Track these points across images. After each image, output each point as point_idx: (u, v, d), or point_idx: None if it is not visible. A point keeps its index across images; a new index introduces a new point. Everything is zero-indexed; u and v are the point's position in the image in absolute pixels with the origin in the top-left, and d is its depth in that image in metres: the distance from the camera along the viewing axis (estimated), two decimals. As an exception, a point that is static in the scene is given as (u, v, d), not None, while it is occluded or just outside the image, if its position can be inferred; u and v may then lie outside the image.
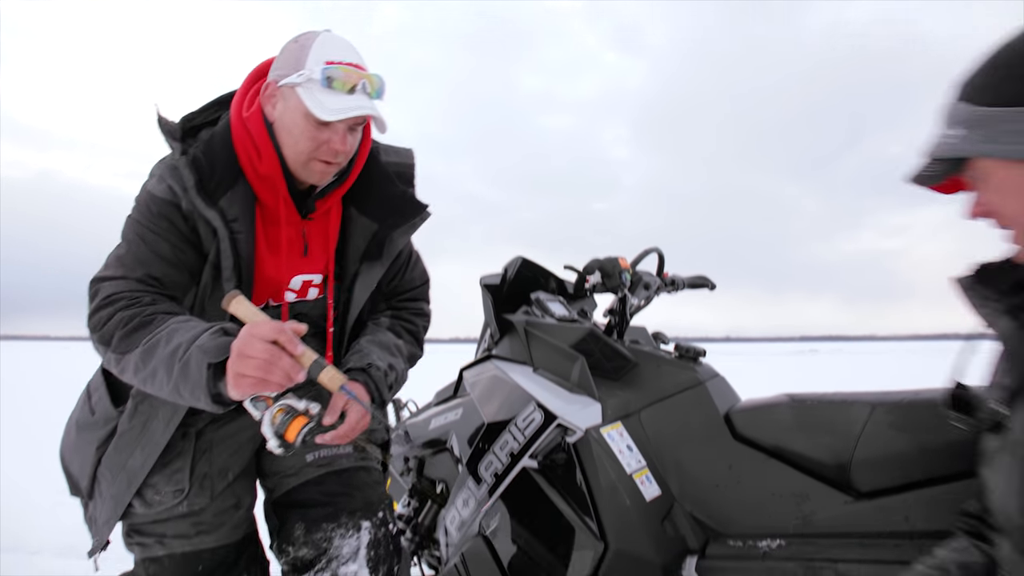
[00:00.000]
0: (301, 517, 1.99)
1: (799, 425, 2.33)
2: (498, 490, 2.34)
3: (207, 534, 1.93)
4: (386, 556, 2.04)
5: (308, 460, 2.02)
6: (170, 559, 1.92)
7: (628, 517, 2.20)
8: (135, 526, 1.94)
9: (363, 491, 2.04)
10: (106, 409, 1.91)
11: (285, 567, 2.03)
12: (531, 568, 2.27)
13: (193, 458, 1.92)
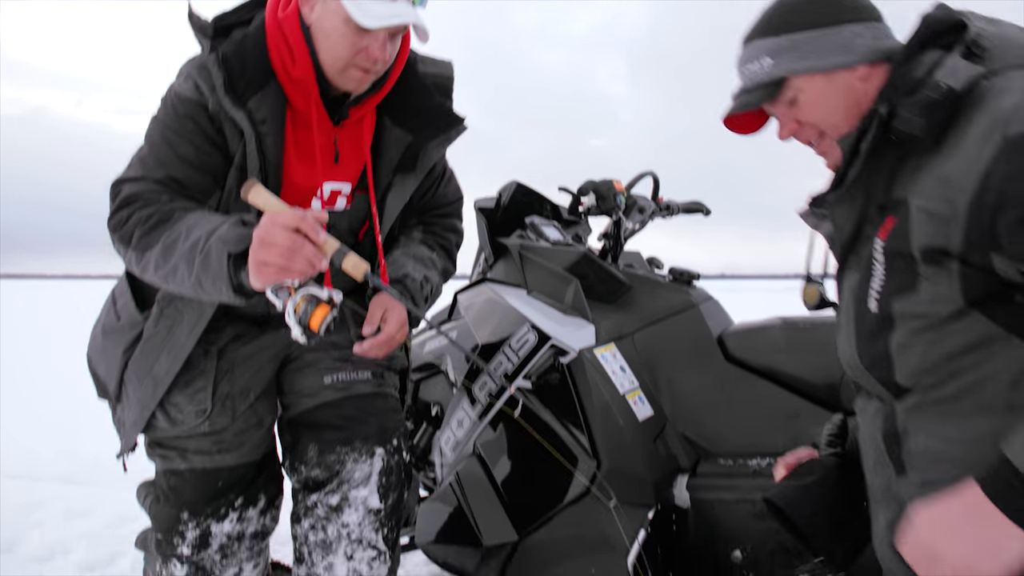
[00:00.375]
0: (315, 438, 2.00)
1: (790, 347, 2.35)
2: (492, 410, 2.37)
3: (228, 452, 1.95)
4: (397, 483, 2.05)
5: (326, 383, 2.01)
6: (191, 473, 1.95)
7: (621, 437, 2.23)
8: (158, 439, 1.96)
9: (379, 417, 2.04)
10: (131, 314, 1.91)
11: (296, 485, 2.05)
12: (524, 486, 2.30)
13: (215, 378, 1.92)
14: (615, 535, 2.15)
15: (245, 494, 2.00)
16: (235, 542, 2.00)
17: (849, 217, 1.32)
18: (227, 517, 1.97)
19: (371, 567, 2.00)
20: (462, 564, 2.35)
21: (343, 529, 1.97)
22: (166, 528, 1.98)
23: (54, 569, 3.28)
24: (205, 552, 1.97)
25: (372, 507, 1.99)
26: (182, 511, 1.95)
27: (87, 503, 4.13)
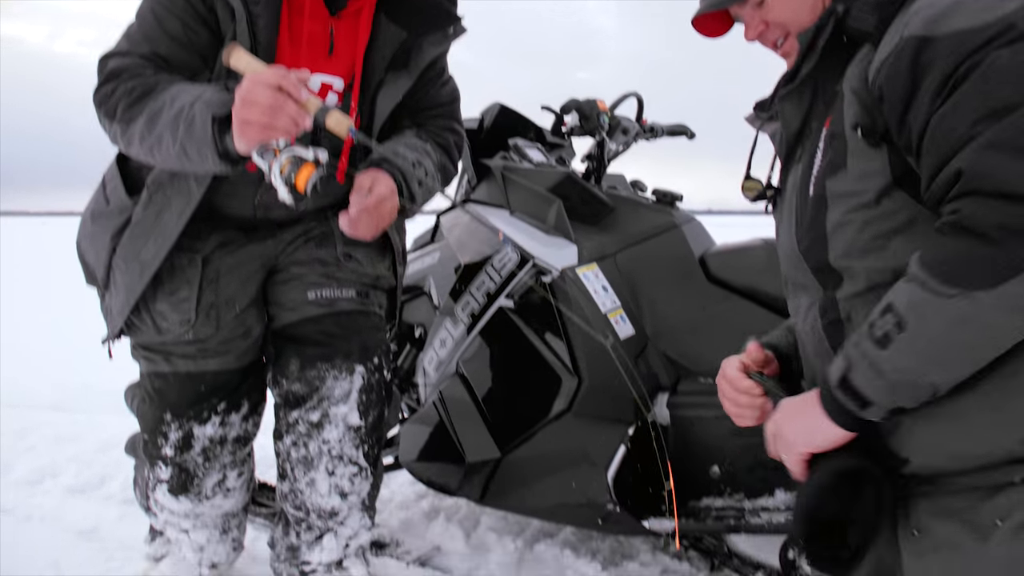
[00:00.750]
0: (297, 353, 2.01)
1: (772, 267, 2.34)
2: (475, 329, 2.38)
3: (211, 358, 1.97)
4: (377, 401, 2.07)
5: (309, 298, 2.02)
6: (174, 376, 1.97)
7: (602, 355, 2.24)
8: (143, 343, 1.98)
9: (360, 335, 2.04)
10: (120, 199, 1.90)
11: (278, 399, 2.07)
12: (507, 404, 2.33)
13: (200, 287, 1.92)
14: (595, 451, 2.18)
15: (228, 399, 2.02)
16: (217, 445, 2.03)
17: (797, 112, 1.34)
18: (209, 420, 2.00)
19: (352, 483, 2.04)
20: (446, 481, 2.39)
21: (324, 445, 2.00)
22: (151, 429, 2.01)
23: (44, 491, 3.31)
24: (188, 454, 2.01)
25: (352, 424, 2.01)
26: (165, 412, 1.98)
27: (76, 429, 4.15)
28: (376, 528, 2.74)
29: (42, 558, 2.58)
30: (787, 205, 1.37)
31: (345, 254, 2.01)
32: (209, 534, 2.19)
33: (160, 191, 1.85)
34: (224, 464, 2.08)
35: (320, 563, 2.10)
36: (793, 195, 1.34)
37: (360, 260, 2.06)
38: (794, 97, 1.33)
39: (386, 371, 2.09)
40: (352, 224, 1.78)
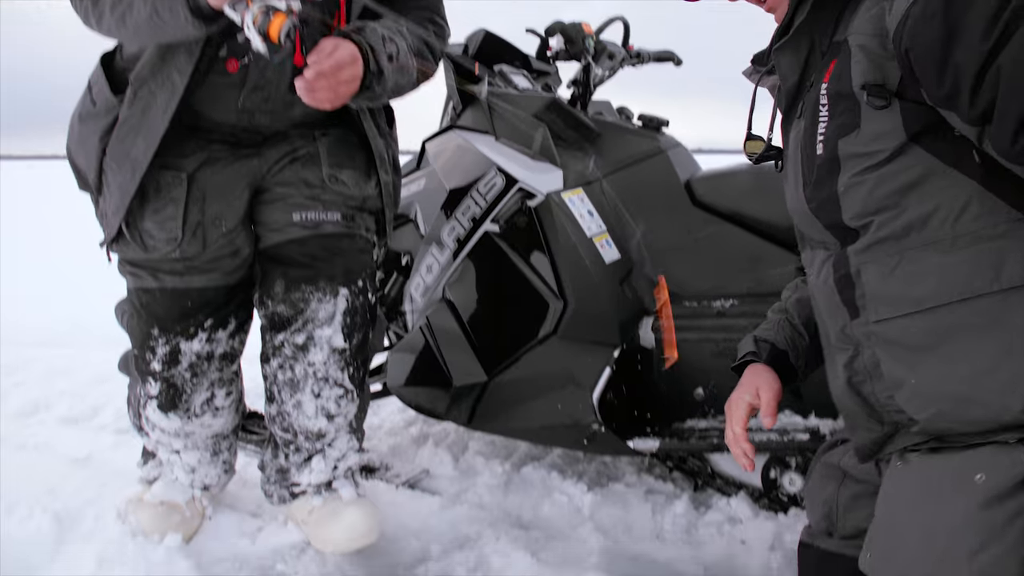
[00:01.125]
0: (282, 274, 2.02)
1: (757, 190, 2.37)
2: (460, 254, 2.39)
3: (198, 275, 1.97)
4: (362, 324, 2.08)
5: (294, 220, 2.01)
6: (161, 292, 1.98)
7: (588, 278, 2.27)
8: (129, 259, 1.99)
9: (345, 258, 2.05)
10: (106, 99, 1.89)
11: (264, 321, 2.08)
12: (493, 328, 2.35)
13: (186, 206, 1.92)
14: (581, 373, 2.21)
15: (215, 316, 2.03)
16: (204, 361, 2.05)
17: (794, 65, 1.31)
18: (196, 336, 2.02)
19: (338, 405, 2.07)
20: (433, 406, 2.42)
21: (309, 368, 2.02)
22: (139, 343, 2.04)
23: (38, 422, 3.34)
24: (175, 369, 2.03)
25: (337, 346, 2.03)
26: (152, 327, 2.00)
27: (68, 364, 4.17)
28: (366, 454, 2.78)
29: (37, 484, 2.61)
30: (791, 162, 1.35)
31: (331, 176, 2.01)
32: (200, 455, 2.23)
33: (144, 86, 1.83)
34: (212, 381, 2.10)
35: (309, 484, 2.14)
36: (797, 152, 1.32)
37: (346, 182, 2.05)
38: (789, 49, 1.31)
39: (371, 294, 2.10)
40: (308, 88, 1.70)
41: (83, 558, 2.05)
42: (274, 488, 2.21)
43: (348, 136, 2.08)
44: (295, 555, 2.13)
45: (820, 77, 1.25)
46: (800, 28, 1.27)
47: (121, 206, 1.89)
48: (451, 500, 2.41)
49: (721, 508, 2.31)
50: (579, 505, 2.36)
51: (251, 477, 2.44)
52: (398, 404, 3.23)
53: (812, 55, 1.29)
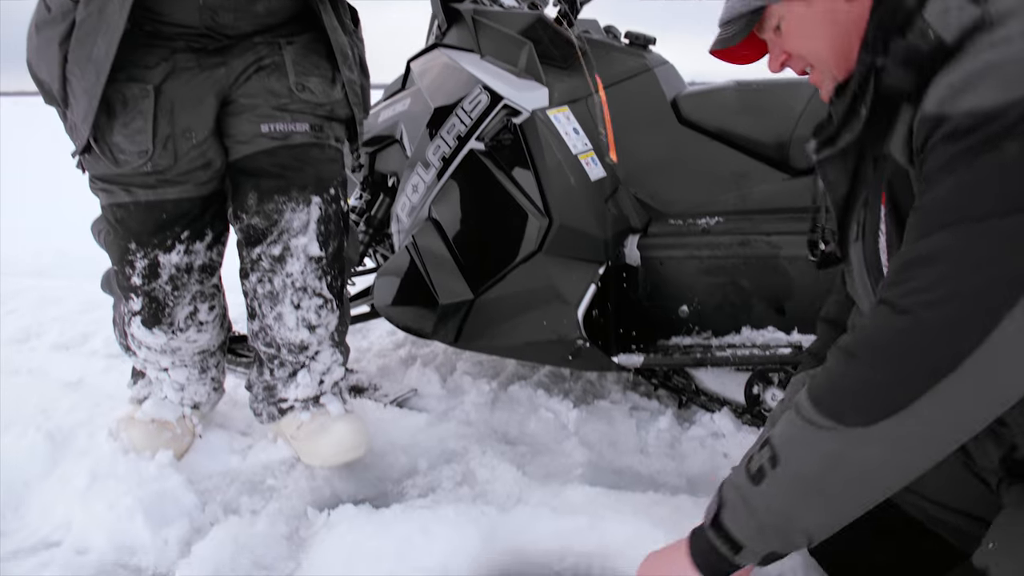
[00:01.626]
0: (254, 186, 2.02)
1: (743, 108, 2.36)
2: (446, 173, 2.38)
3: (171, 186, 1.97)
4: (336, 232, 2.09)
5: (263, 131, 2.00)
6: (135, 205, 1.98)
7: (573, 195, 2.26)
8: (101, 175, 1.98)
9: (315, 167, 2.05)
10: (60, 3, 1.86)
11: (239, 236, 2.09)
12: (479, 246, 2.36)
13: (155, 118, 1.90)
14: (566, 289, 2.22)
15: (191, 228, 2.03)
16: (184, 274, 2.06)
17: (842, 177, 1.25)
18: (174, 249, 2.03)
19: (319, 315, 2.08)
20: (420, 326, 2.43)
21: (287, 279, 2.04)
22: (118, 259, 2.04)
23: (30, 349, 3.37)
24: (156, 282, 2.04)
25: (313, 255, 2.04)
26: (129, 242, 2.01)
27: (57, 293, 4.18)
28: (354, 375, 2.82)
29: (30, 406, 2.64)
30: (858, 278, 1.28)
31: (298, 84, 1.99)
32: (188, 373, 2.25)
33: None
34: (193, 295, 2.11)
35: (296, 399, 2.16)
36: (863, 271, 1.25)
37: (313, 90, 2.04)
38: (837, 161, 1.24)
39: (343, 202, 2.11)
40: None
41: (76, 473, 2.07)
42: (262, 406, 2.24)
43: (314, 44, 2.06)
44: (285, 470, 2.17)
45: (876, 197, 1.18)
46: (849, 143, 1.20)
47: (89, 111, 1.86)
48: (439, 417, 2.44)
49: (704, 423, 2.35)
50: (565, 421, 2.40)
51: (241, 397, 2.47)
52: (387, 327, 3.26)
53: (862, 165, 1.22)
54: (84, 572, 1.78)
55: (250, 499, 2.05)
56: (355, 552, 1.70)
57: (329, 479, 2.12)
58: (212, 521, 1.95)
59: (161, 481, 2.04)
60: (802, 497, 1.04)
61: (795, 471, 1.04)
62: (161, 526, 1.90)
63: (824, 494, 1.03)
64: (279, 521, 1.94)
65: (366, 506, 1.92)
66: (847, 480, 1.01)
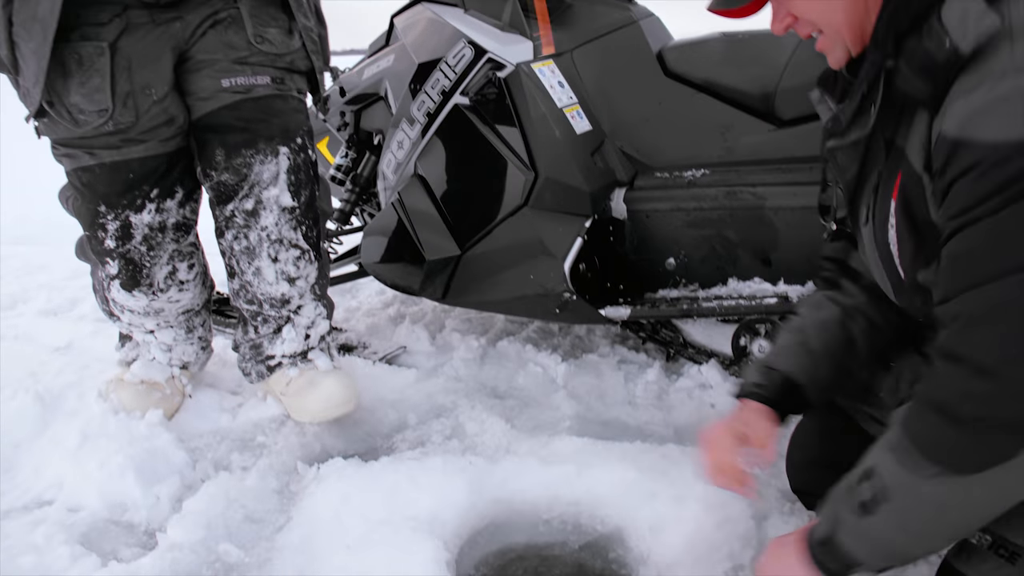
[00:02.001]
0: (220, 142, 2.00)
1: (729, 59, 2.34)
2: (431, 129, 2.37)
3: (135, 145, 1.95)
4: (306, 181, 2.09)
5: (224, 86, 1.98)
6: (100, 167, 1.96)
7: (558, 148, 2.25)
8: (63, 140, 1.95)
9: (280, 117, 2.04)
10: None
11: (211, 194, 2.08)
12: (465, 201, 2.35)
13: (112, 76, 1.87)
14: (552, 243, 2.22)
15: (160, 186, 2.02)
16: (157, 233, 2.05)
17: (851, 162, 1.23)
18: (145, 208, 2.01)
19: (297, 266, 2.08)
20: (408, 283, 2.44)
21: (263, 232, 2.04)
22: (89, 223, 2.03)
23: (17, 315, 3.36)
24: (130, 243, 2.03)
25: (285, 205, 2.04)
26: (99, 205, 1.99)
27: (43, 260, 4.17)
28: (344, 333, 2.82)
29: (19, 369, 2.65)
30: (870, 256, 1.28)
31: (257, 36, 1.97)
32: (175, 333, 2.25)
33: None
34: (170, 254, 2.11)
35: (284, 355, 2.17)
36: (874, 253, 1.25)
37: (272, 41, 2.01)
38: (847, 148, 1.22)
39: (310, 151, 2.11)
40: None
41: (67, 434, 2.08)
42: (250, 365, 2.24)
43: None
44: (275, 427, 2.18)
45: (887, 189, 1.17)
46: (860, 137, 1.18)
47: (40, 73, 1.82)
48: (428, 373, 2.45)
49: (692, 375, 2.36)
50: (553, 375, 2.41)
51: (230, 357, 2.48)
52: (375, 287, 3.26)
53: (871, 152, 1.20)
54: (77, 529, 1.79)
55: (241, 456, 2.07)
56: (344, 504, 1.72)
57: (319, 435, 2.14)
58: (203, 478, 1.97)
59: (151, 439, 2.05)
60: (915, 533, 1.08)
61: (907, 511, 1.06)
62: (152, 483, 1.92)
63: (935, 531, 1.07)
64: (270, 476, 1.95)
65: (355, 459, 1.93)
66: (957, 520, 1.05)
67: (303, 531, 1.72)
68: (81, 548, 1.71)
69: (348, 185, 2.84)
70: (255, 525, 1.81)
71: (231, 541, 1.73)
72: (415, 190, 2.39)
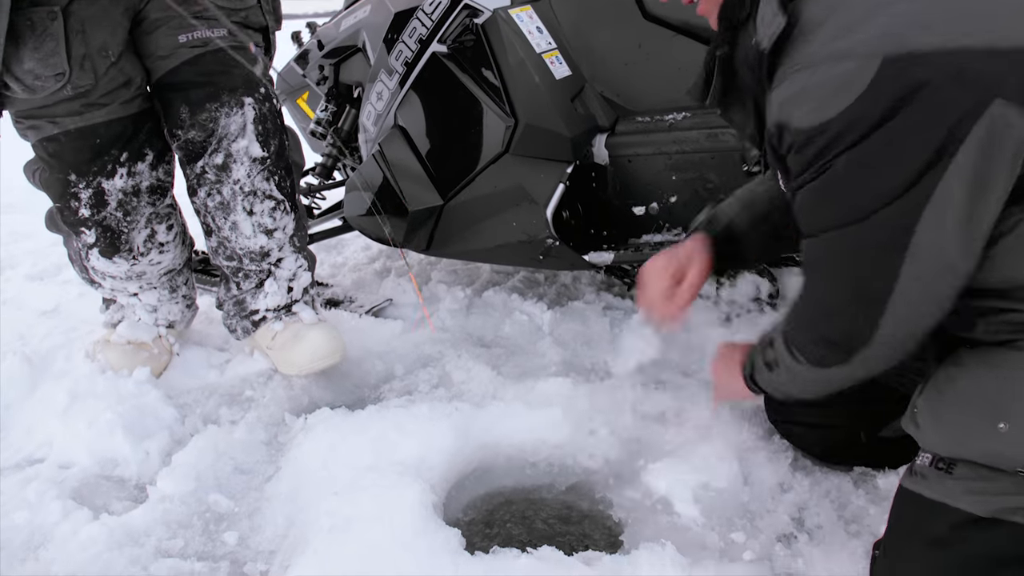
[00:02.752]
0: (184, 100, 1.98)
1: (708, 0, 2.32)
2: (410, 78, 2.34)
3: (97, 109, 1.93)
4: (275, 130, 2.07)
5: (181, 41, 1.96)
6: (66, 136, 1.94)
7: (538, 94, 2.23)
8: (23, 112, 1.93)
9: (241, 68, 2.01)
10: None
11: (180, 154, 2.06)
12: (446, 150, 2.34)
13: (67, 40, 1.84)
14: (534, 189, 2.22)
15: (128, 149, 2.01)
16: (132, 197, 2.04)
17: (745, 116, 1.34)
18: (116, 173, 2.00)
19: (273, 218, 2.08)
20: (392, 235, 2.43)
21: (235, 186, 2.03)
22: (60, 194, 2.02)
23: (5, 280, 3.35)
24: (105, 210, 2.02)
25: (255, 156, 2.03)
26: (68, 174, 1.98)
27: (28, 228, 4.14)
28: (330, 288, 2.82)
29: (7, 334, 2.65)
30: None
31: None
32: (159, 294, 2.25)
33: None
34: (148, 217, 2.10)
35: (267, 309, 2.17)
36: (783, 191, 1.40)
37: None
38: (735, 105, 1.35)
39: (275, 100, 2.10)
40: None
41: (56, 393, 2.09)
42: (235, 321, 2.24)
43: None
44: (262, 382, 2.19)
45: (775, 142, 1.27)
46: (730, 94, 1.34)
47: None
48: (414, 325, 2.46)
49: (677, 319, 2.37)
50: (539, 323, 2.42)
51: (216, 316, 2.47)
52: (361, 243, 3.26)
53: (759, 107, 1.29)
54: (68, 485, 1.80)
55: (229, 410, 2.08)
56: (332, 452, 1.73)
57: (307, 387, 2.15)
58: (192, 432, 1.98)
59: (140, 397, 2.06)
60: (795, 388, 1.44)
61: (790, 380, 1.41)
62: (142, 439, 1.93)
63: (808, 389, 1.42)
64: (258, 428, 1.97)
65: (342, 409, 1.94)
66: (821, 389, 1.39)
67: (292, 481, 1.73)
68: (73, 503, 1.72)
69: (329, 139, 2.82)
70: (244, 476, 1.83)
71: (221, 492, 1.75)
72: (396, 141, 2.38)
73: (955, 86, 1.01)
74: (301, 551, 1.49)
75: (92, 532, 1.59)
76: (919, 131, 1.03)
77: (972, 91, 1.01)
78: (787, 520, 1.60)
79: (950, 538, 1.21)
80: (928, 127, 1.03)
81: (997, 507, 1.17)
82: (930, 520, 1.24)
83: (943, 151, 1.02)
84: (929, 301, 1.14)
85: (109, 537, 1.58)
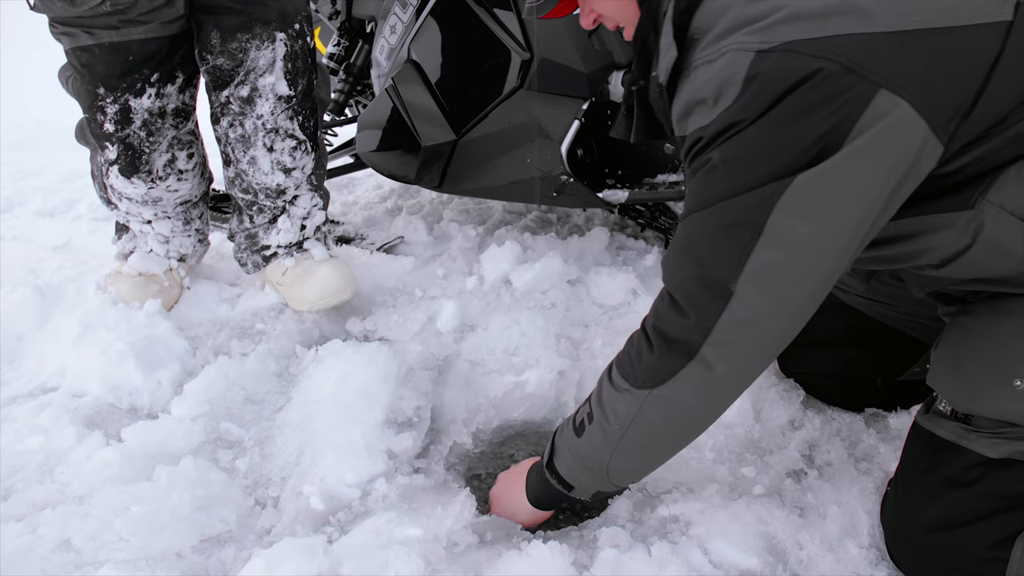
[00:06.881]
0: (216, 25, 1.95)
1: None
2: (424, 11, 2.30)
3: (135, 26, 1.90)
4: (304, 69, 2.04)
5: None
6: (99, 48, 1.92)
7: (554, 29, 2.19)
8: (60, 18, 1.91)
9: (278, 1, 1.98)
10: None
11: (207, 79, 2.03)
12: (460, 85, 2.30)
13: None
14: (549, 125, 2.18)
15: (160, 70, 1.98)
16: (157, 118, 2.03)
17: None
18: (144, 92, 1.98)
19: (293, 157, 2.06)
20: (404, 171, 2.41)
21: (258, 120, 2.00)
22: (88, 105, 2.00)
23: (15, 216, 3.35)
24: (129, 128, 2.00)
25: (281, 93, 2.00)
26: (97, 87, 1.96)
27: (37, 165, 4.14)
28: (341, 226, 2.81)
29: (18, 268, 2.65)
30: None
31: None
32: (172, 224, 2.24)
33: None
34: (170, 141, 2.08)
35: (279, 245, 2.16)
36: None
37: None
38: None
39: (309, 38, 2.06)
40: None
41: (67, 325, 2.09)
42: (246, 255, 2.23)
43: None
44: (273, 315, 2.18)
45: None
46: None
47: None
48: (425, 262, 2.45)
49: (691, 260, 2.35)
50: (551, 262, 2.40)
51: (228, 251, 2.47)
52: (373, 181, 3.24)
53: None
54: (82, 412, 1.81)
55: (240, 343, 2.08)
56: (343, 381, 1.73)
57: (318, 321, 2.14)
58: (203, 363, 1.98)
59: (151, 328, 2.05)
60: (612, 447, 1.27)
61: (607, 424, 1.26)
62: (153, 369, 1.93)
63: (630, 444, 1.26)
64: (269, 360, 1.97)
65: (353, 341, 1.94)
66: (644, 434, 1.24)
67: (302, 410, 1.74)
68: (86, 428, 1.73)
69: (341, 75, 2.78)
70: (255, 406, 1.83)
71: (232, 421, 1.77)
72: (409, 75, 2.34)
73: (841, 75, 0.98)
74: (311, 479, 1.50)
75: (106, 456, 1.61)
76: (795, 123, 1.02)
77: (853, 80, 0.98)
78: (797, 456, 1.61)
79: (963, 478, 1.24)
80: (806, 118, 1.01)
81: (1011, 450, 1.20)
82: (945, 460, 1.26)
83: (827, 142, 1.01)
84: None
85: (123, 461, 1.59)
